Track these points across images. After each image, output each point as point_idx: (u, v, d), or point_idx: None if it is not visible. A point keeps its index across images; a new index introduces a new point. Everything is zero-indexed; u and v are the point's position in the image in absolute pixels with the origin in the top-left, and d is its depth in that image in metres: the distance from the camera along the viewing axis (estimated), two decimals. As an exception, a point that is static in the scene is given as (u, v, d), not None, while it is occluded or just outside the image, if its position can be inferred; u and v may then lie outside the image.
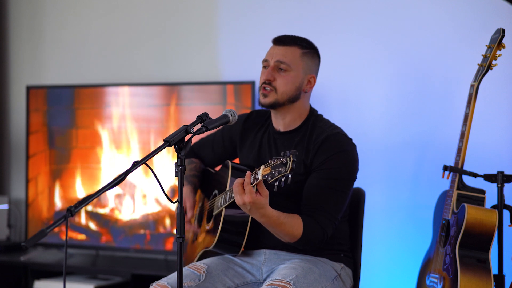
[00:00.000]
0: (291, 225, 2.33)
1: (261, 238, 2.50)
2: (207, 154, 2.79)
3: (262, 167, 2.16)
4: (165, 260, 4.07)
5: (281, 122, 2.55)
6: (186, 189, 2.69)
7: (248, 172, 2.24)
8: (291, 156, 2.10)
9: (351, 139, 2.50)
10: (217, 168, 2.78)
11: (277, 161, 2.13)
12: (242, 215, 2.43)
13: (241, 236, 2.46)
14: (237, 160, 2.69)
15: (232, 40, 4.02)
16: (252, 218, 2.44)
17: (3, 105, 4.64)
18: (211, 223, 2.57)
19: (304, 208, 2.41)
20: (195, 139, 2.53)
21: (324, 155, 2.42)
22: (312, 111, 2.56)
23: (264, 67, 2.52)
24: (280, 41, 2.52)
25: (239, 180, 2.23)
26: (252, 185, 2.21)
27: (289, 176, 2.10)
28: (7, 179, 4.63)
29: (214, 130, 2.68)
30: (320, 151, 2.43)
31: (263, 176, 2.15)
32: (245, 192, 2.21)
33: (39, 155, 4.34)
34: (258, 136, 2.61)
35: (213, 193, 2.65)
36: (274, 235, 2.37)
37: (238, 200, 2.23)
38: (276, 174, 2.12)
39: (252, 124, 2.66)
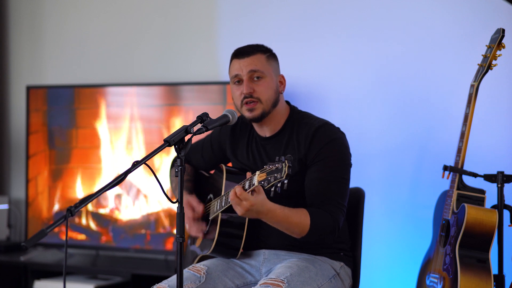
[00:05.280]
0: (298, 216, 2.32)
1: (260, 238, 2.50)
2: (197, 160, 2.79)
3: (257, 173, 2.16)
4: (165, 260, 4.07)
5: (266, 129, 2.54)
6: (184, 194, 2.66)
7: (238, 186, 2.22)
8: (286, 161, 2.10)
9: (338, 128, 2.52)
10: (211, 172, 2.77)
11: (272, 167, 2.13)
12: (239, 218, 2.42)
13: (239, 239, 2.45)
14: (229, 164, 2.68)
15: (232, 40, 4.02)
16: (249, 220, 2.44)
17: (3, 105, 4.64)
18: (207, 228, 2.57)
19: (310, 203, 2.41)
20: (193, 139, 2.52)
21: (316, 147, 2.44)
22: (293, 109, 2.57)
23: (236, 82, 2.49)
24: (242, 53, 2.49)
25: (232, 192, 2.23)
26: (248, 191, 2.21)
27: (285, 181, 2.11)
28: (7, 179, 4.63)
29: (203, 136, 2.66)
30: (312, 144, 2.45)
31: (259, 182, 2.15)
32: (242, 200, 2.21)
33: (39, 155, 4.34)
34: (248, 144, 2.61)
35: (208, 197, 2.64)
36: (284, 232, 2.35)
37: (239, 211, 2.23)
38: (272, 180, 2.12)
39: (240, 129, 2.64)
